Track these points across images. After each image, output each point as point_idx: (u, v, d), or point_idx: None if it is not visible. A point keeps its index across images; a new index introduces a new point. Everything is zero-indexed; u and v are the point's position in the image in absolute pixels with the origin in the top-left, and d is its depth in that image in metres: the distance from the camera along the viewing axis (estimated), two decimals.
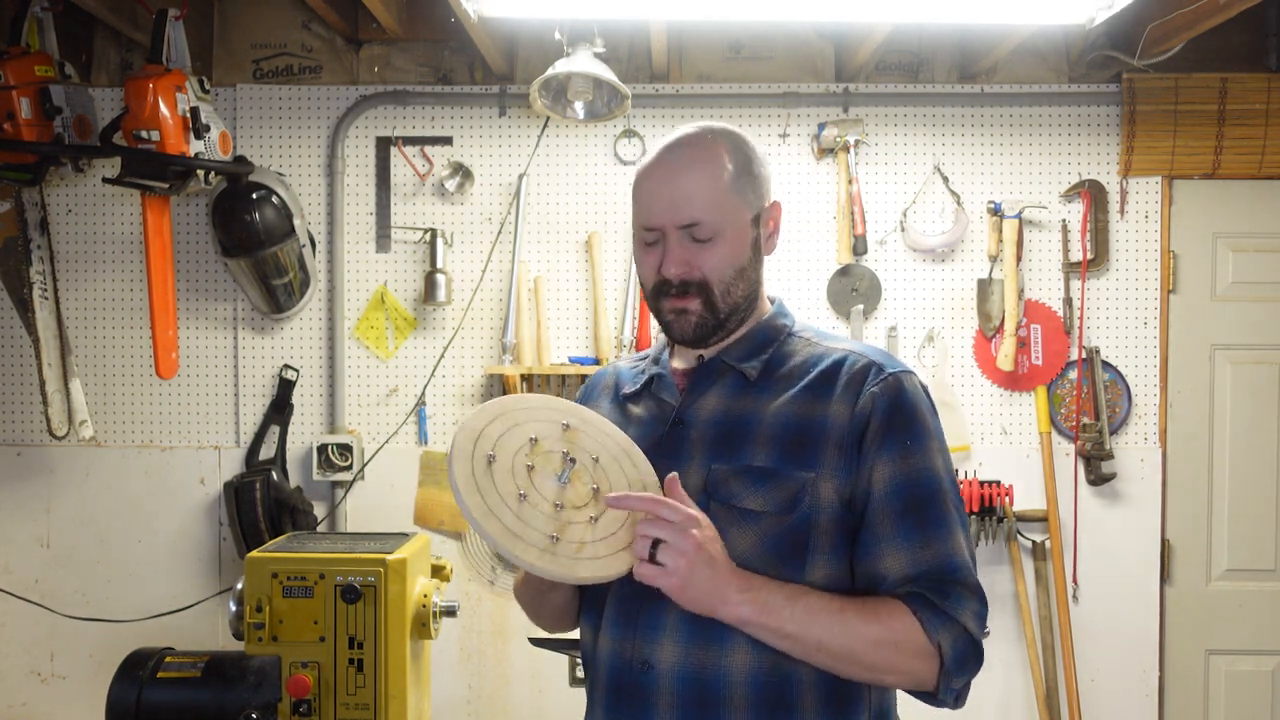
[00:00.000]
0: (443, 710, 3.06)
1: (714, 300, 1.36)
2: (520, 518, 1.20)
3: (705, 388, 1.40)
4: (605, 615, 1.36)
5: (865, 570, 1.29)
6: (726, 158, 1.37)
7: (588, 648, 1.42)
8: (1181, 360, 3.11)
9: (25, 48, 2.62)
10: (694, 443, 1.36)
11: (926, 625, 1.23)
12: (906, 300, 3.10)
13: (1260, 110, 3.04)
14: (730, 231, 1.35)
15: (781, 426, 1.32)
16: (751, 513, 1.29)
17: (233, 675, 2.25)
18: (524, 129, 3.11)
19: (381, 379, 3.12)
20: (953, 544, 1.27)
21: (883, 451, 1.28)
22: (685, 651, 1.28)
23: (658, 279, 1.37)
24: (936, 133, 3.10)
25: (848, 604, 1.24)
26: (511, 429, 1.27)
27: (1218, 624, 3.13)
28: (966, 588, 1.26)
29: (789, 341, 1.41)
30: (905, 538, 1.27)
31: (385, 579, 2.22)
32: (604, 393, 1.54)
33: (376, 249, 3.12)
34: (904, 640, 1.23)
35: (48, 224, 3.05)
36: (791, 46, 3.11)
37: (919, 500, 1.27)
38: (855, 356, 1.35)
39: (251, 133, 3.10)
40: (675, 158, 1.37)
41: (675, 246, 1.35)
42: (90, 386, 3.12)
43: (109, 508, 3.11)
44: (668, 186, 1.36)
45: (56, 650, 3.12)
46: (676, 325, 1.38)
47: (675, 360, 1.47)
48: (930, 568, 1.26)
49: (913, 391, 1.32)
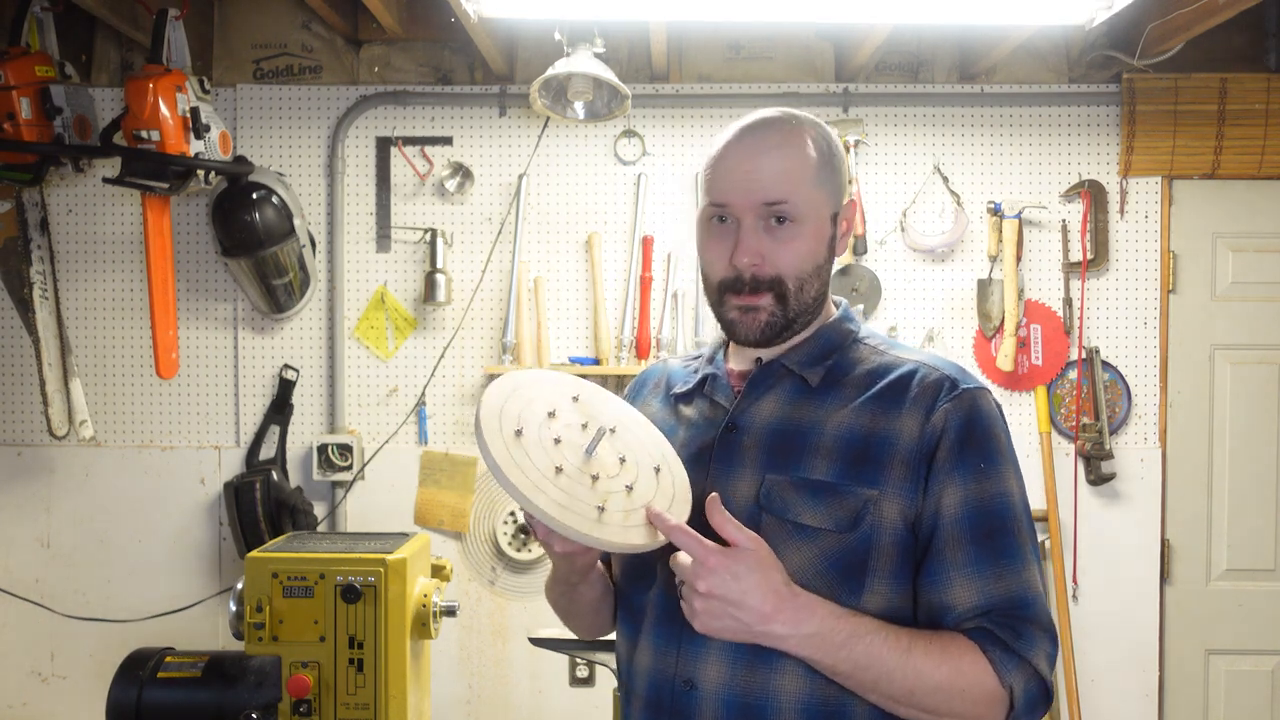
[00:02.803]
0: (443, 710, 3.06)
1: (787, 299, 1.25)
2: (565, 490, 1.15)
3: (762, 392, 1.30)
4: (645, 625, 1.28)
5: (931, 600, 1.19)
6: (811, 143, 1.26)
7: (624, 656, 1.34)
8: (1181, 360, 3.11)
9: (25, 48, 2.63)
10: (747, 450, 1.26)
11: (998, 667, 1.14)
12: (906, 300, 3.10)
13: (1260, 110, 3.04)
14: (810, 224, 1.25)
15: (844, 439, 1.22)
16: (808, 528, 1.20)
17: (233, 675, 2.25)
18: (524, 129, 3.11)
19: (381, 379, 3.12)
20: (1026, 577, 1.18)
21: (955, 473, 1.19)
22: (731, 672, 1.20)
23: (728, 272, 1.25)
24: (936, 133, 3.10)
25: (916, 643, 1.14)
26: (528, 404, 1.23)
27: (1217, 624, 3.13)
28: (1040, 626, 1.17)
29: (854, 348, 1.31)
30: (976, 567, 1.17)
31: (385, 579, 2.22)
32: (654, 390, 1.45)
33: (376, 249, 3.12)
34: (972, 684, 1.14)
35: (48, 224, 3.06)
36: (791, 46, 3.11)
37: (992, 528, 1.18)
38: (927, 369, 1.25)
39: (251, 133, 3.10)
40: (759, 136, 1.25)
41: (750, 233, 1.24)
42: (90, 386, 3.12)
43: (109, 508, 3.11)
44: (749, 163, 1.24)
45: (56, 650, 3.12)
46: (742, 324, 1.27)
47: (731, 361, 1.37)
48: (1001, 602, 1.17)
49: (988, 410, 1.24)
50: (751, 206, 1.23)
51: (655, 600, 1.28)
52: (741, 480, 1.25)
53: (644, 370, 1.52)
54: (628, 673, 1.33)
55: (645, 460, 1.25)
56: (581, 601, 1.40)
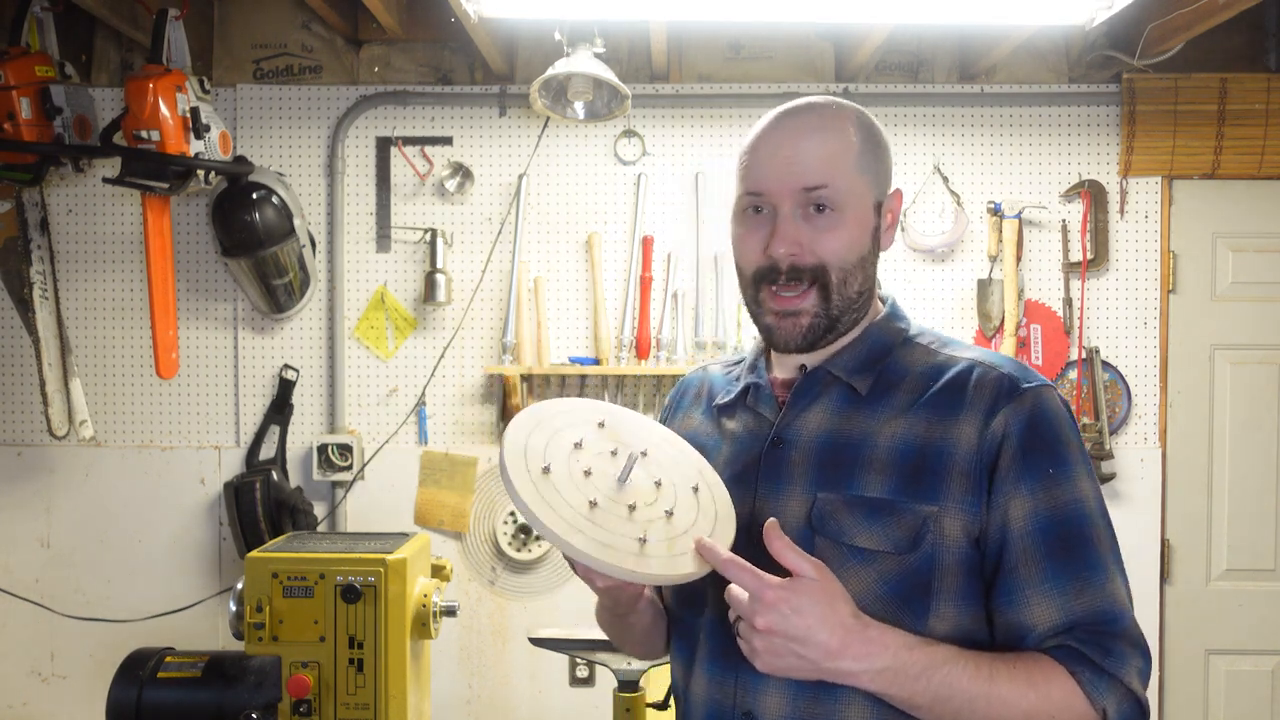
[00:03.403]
0: (443, 710, 3.06)
1: (829, 291, 1.17)
2: (603, 526, 1.09)
3: (808, 402, 1.21)
4: (700, 652, 1.22)
5: (1008, 621, 1.11)
6: (853, 129, 1.19)
7: (679, 683, 1.27)
8: (1181, 360, 3.11)
9: (25, 48, 2.63)
10: (795, 465, 1.18)
11: (1088, 689, 1.06)
12: (906, 300, 3.09)
13: (1260, 110, 3.04)
14: (854, 211, 1.17)
15: (899, 451, 1.14)
16: (865, 551, 1.12)
17: (233, 675, 2.25)
18: (524, 129, 3.11)
19: (381, 379, 3.12)
20: (1110, 588, 1.10)
21: (1022, 482, 1.10)
22: (794, 704, 1.13)
23: (763, 261, 1.18)
24: (936, 133, 3.10)
25: (998, 669, 1.06)
26: (553, 437, 1.16)
27: (1217, 624, 3.12)
28: (1129, 641, 1.09)
29: (906, 348, 1.22)
30: (1054, 583, 1.09)
31: (385, 579, 2.22)
32: (696, 401, 1.36)
33: (376, 249, 3.12)
34: (1061, 709, 1.06)
35: (48, 224, 3.06)
36: (791, 46, 3.11)
37: (1068, 538, 1.10)
38: (984, 368, 1.16)
39: (251, 133, 3.10)
40: (799, 120, 1.19)
41: (788, 221, 1.16)
42: (90, 386, 3.12)
43: (109, 508, 3.11)
44: (788, 148, 1.17)
45: (56, 650, 3.12)
46: (781, 330, 1.19)
47: (775, 368, 1.28)
48: (1086, 617, 1.08)
49: (1054, 409, 1.13)
50: (790, 193, 1.16)
51: (708, 626, 1.22)
52: (791, 499, 1.17)
53: (684, 378, 1.44)
54: (684, 700, 1.26)
55: (682, 481, 1.19)
56: (633, 630, 1.35)
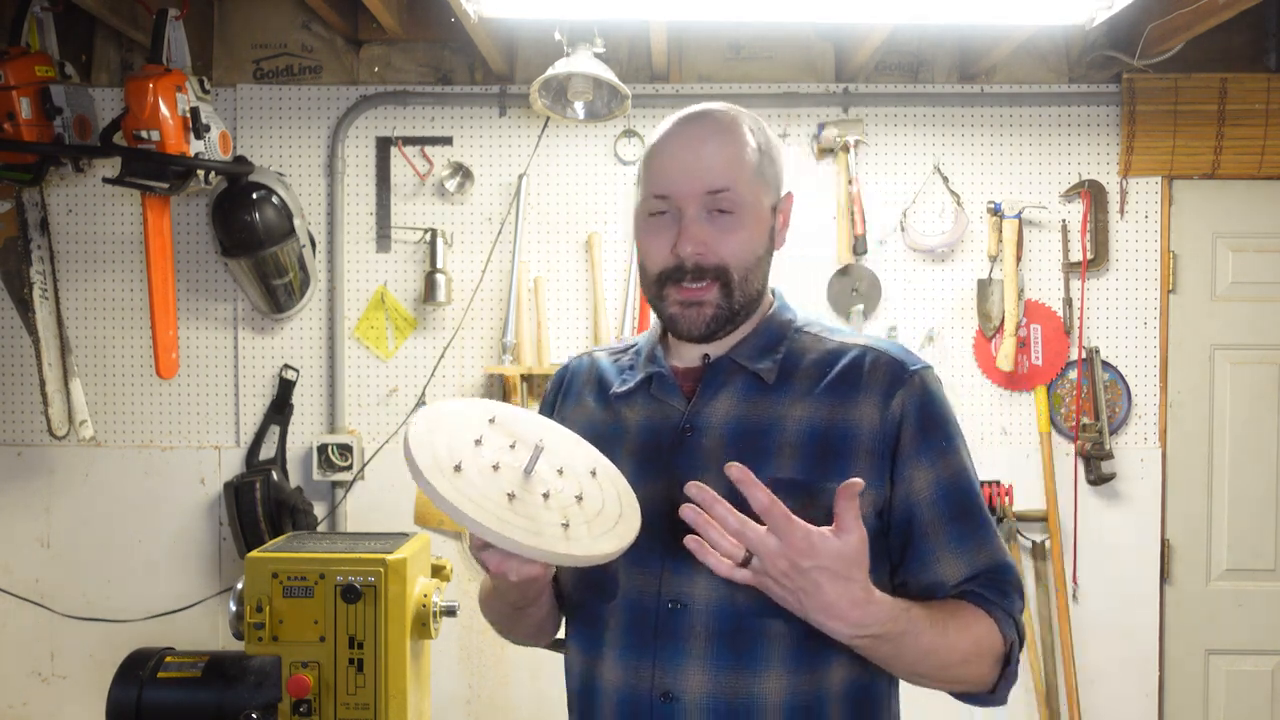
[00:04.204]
0: (443, 710, 3.06)
1: (732, 289, 1.24)
2: (526, 515, 1.12)
3: (716, 390, 1.27)
4: (609, 638, 1.24)
5: (922, 580, 1.22)
6: (749, 135, 1.26)
7: (582, 674, 1.29)
8: (1181, 360, 3.12)
9: (25, 48, 2.63)
10: (710, 451, 1.23)
11: (1002, 627, 1.21)
12: (906, 300, 3.10)
13: (1260, 110, 3.04)
14: (752, 213, 1.24)
15: (807, 434, 1.22)
16: None
17: (233, 675, 2.25)
18: (524, 129, 3.11)
19: (381, 379, 3.12)
20: (997, 543, 1.24)
21: (921, 457, 1.22)
22: (715, 680, 1.18)
23: (669, 261, 1.24)
24: (936, 133, 3.10)
25: (947, 620, 1.17)
26: (452, 436, 1.18)
27: (1217, 624, 3.13)
28: (1015, 586, 1.24)
29: (797, 337, 1.31)
30: (959, 543, 1.22)
31: (385, 579, 2.22)
32: (587, 388, 1.39)
33: (376, 249, 3.12)
34: (985, 648, 1.19)
35: (48, 224, 3.06)
36: (791, 46, 3.11)
37: (963, 503, 1.23)
38: (875, 353, 1.26)
39: (251, 133, 3.10)
40: (698, 127, 1.25)
41: (693, 222, 1.22)
42: (90, 386, 3.12)
43: (109, 508, 3.11)
44: (690, 153, 1.23)
45: (56, 650, 3.12)
46: (685, 319, 1.25)
47: (673, 358, 1.33)
48: (985, 569, 1.22)
49: (938, 389, 1.26)
50: (694, 195, 1.23)
51: (621, 610, 1.24)
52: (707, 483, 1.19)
53: (567, 365, 1.45)
54: (587, 688, 1.28)
55: (580, 467, 1.22)
56: (530, 621, 1.36)
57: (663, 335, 1.36)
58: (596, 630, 1.26)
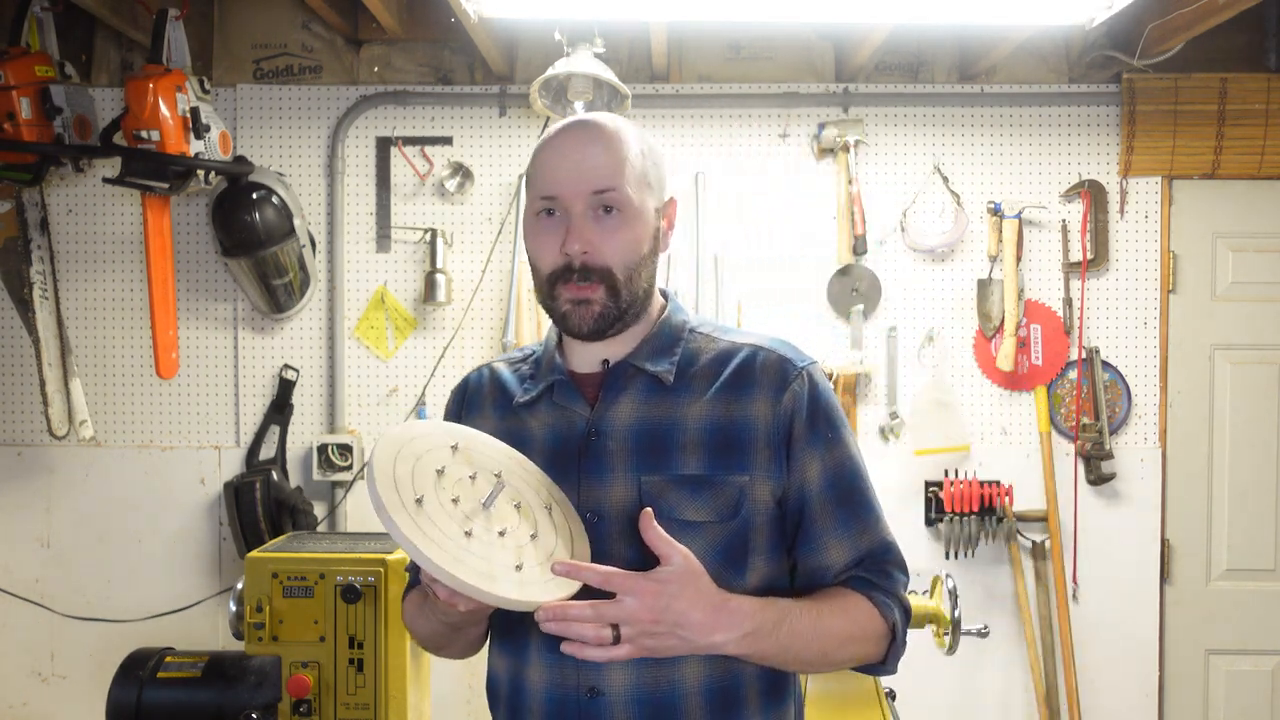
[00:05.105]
0: (443, 710, 3.06)
1: (617, 288, 1.27)
2: (480, 556, 1.13)
3: (617, 394, 1.31)
4: (535, 642, 1.27)
5: (810, 564, 1.30)
6: (632, 140, 1.31)
7: (507, 677, 1.32)
8: (1181, 360, 3.11)
9: (25, 48, 2.63)
10: (615, 454, 1.28)
11: (882, 610, 1.28)
12: (906, 300, 3.10)
13: (1260, 110, 3.04)
14: (638, 213, 1.28)
15: (707, 431, 1.28)
16: (692, 523, 1.25)
17: (233, 675, 2.26)
18: (524, 129, 3.11)
19: (381, 379, 3.12)
20: (881, 526, 1.32)
21: (810, 447, 1.29)
22: (637, 673, 1.24)
23: (559, 261, 1.27)
24: (936, 133, 3.10)
25: (822, 607, 1.25)
26: (415, 464, 1.18)
27: (1217, 624, 3.13)
28: (898, 565, 1.32)
29: (692, 338, 1.36)
30: (844, 527, 1.29)
31: (385, 579, 2.22)
32: (488, 401, 1.40)
33: (376, 249, 3.12)
34: (868, 630, 1.27)
35: (48, 224, 3.06)
36: (791, 46, 3.11)
37: (847, 490, 1.30)
38: (765, 352, 1.32)
39: (251, 133, 3.10)
40: (582, 131, 1.30)
41: (580, 221, 1.26)
42: (90, 386, 3.12)
43: (109, 508, 3.11)
44: (577, 153, 1.27)
45: (56, 650, 3.12)
46: (574, 315, 1.28)
47: (573, 364, 1.36)
48: (868, 552, 1.30)
49: (825, 384, 1.34)
50: (581, 195, 1.26)
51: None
52: (615, 485, 1.28)
53: (466, 378, 1.46)
54: (514, 689, 1.31)
55: (536, 501, 1.24)
56: (465, 640, 1.38)
57: (559, 342, 1.39)
58: (520, 632, 1.30)
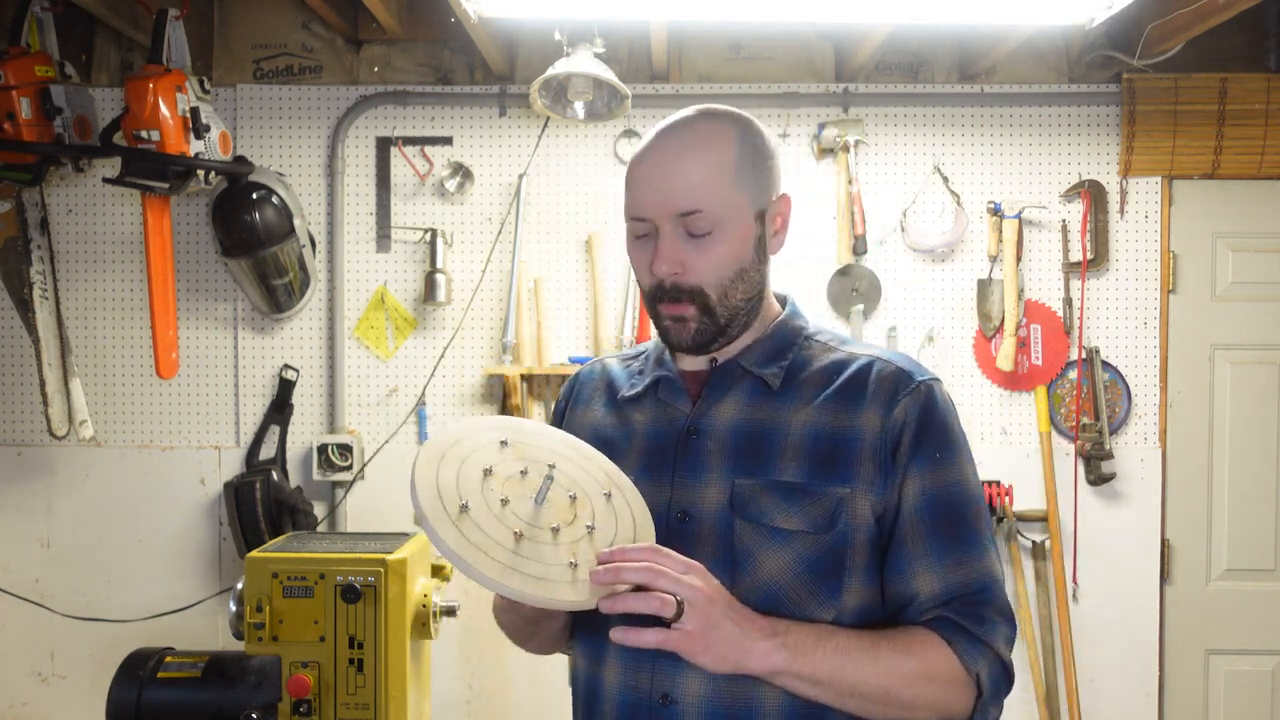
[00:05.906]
0: (443, 710, 3.06)
1: (711, 307, 1.24)
2: (532, 558, 1.08)
3: (721, 394, 1.28)
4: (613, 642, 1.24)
5: (895, 590, 1.22)
6: (729, 144, 1.24)
7: (587, 677, 1.30)
8: (1181, 360, 3.12)
9: (25, 48, 2.62)
10: (712, 454, 1.25)
11: (962, 655, 1.17)
12: (906, 300, 3.10)
13: (1260, 110, 3.04)
14: (731, 227, 1.23)
15: (810, 438, 1.22)
16: (784, 532, 1.19)
17: (233, 675, 2.25)
18: (524, 129, 3.11)
19: (381, 379, 3.12)
20: (985, 562, 1.21)
21: (914, 464, 1.21)
22: (714, 684, 1.18)
23: (652, 280, 1.25)
24: (936, 133, 3.10)
25: (880, 638, 1.17)
26: (460, 467, 1.14)
27: (1217, 624, 3.13)
28: (998, 610, 1.21)
29: (807, 345, 1.31)
30: (936, 555, 1.20)
31: (385, 579, 2.22)
32: (596, 393, 1.40)
33: (376, 249, 3.12)
34: (940, 673, 1.16)
35: (48, 224, 3.05)
36: (791, 46, 3.11)
37: (950, 515, 1.21)
38: (882, 363, 1.26)
39: (251, 133, 3.10)
40: (671, 141, 1.24)
41: (667, 242, 1.22)
42: (90, 386, 3.12)
43: (109, 508, 3.11)
44: (661, 172, 1.22)
45: (56, 650, 3.12)
46: (674, 332, 1.27)
47: (682, 363, 1.34)
48: (962, 588, 1.20)
49: (943, 401, 1.25)
50: (666, 217, 1.22)
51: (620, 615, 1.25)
52: (709, 486, 1.24)
53: (579, 371, 1.47)
54: (595, 694, 1.28)
55: (594, 490, 1.20)
56: (546, 634, 1.37)
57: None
58: (599, 632, 1.25)
